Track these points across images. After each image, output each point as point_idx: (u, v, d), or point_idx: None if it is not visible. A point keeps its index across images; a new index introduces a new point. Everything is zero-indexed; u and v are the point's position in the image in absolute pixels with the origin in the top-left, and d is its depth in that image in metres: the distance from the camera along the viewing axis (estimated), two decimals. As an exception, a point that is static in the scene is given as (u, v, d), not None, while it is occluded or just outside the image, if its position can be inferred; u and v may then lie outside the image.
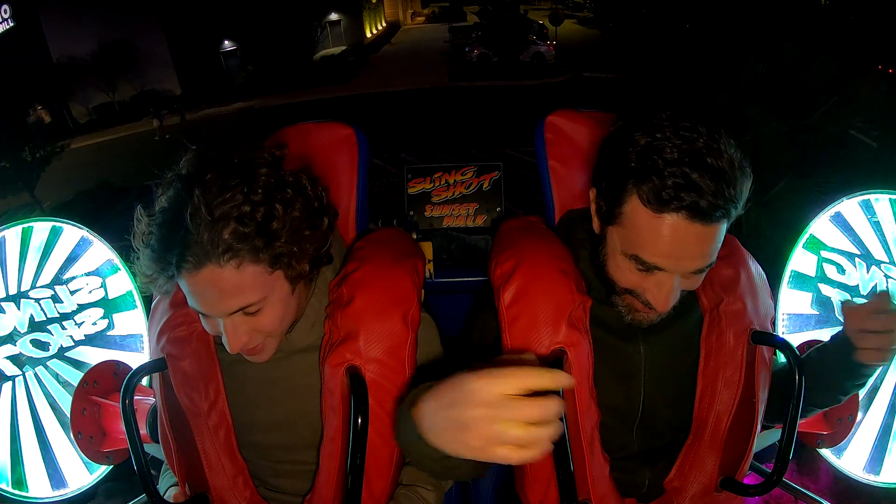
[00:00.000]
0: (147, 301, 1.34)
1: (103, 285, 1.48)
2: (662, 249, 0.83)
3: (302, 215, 0.85)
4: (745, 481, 1.01)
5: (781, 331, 1.50)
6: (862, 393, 1.40)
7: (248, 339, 0.88)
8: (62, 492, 1.44)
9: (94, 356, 1.47)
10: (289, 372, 0.99)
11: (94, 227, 1.47)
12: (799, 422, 0.94)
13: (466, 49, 23.17)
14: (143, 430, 1.17)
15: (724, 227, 0.84)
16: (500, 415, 0.62)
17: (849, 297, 0.97)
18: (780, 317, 1.50)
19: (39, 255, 1.46)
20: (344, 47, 27.97)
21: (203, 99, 20.91)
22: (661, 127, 0.81)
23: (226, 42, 23.42)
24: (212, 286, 0.80)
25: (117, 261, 1.48)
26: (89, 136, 19.04)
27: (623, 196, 0.85)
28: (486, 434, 0.63)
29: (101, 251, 1.48)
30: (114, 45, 20.54)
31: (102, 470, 1.44)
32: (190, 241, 0.77)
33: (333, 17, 28.49)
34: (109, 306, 1.49)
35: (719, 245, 0.85)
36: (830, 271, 1.49)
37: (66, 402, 1.43)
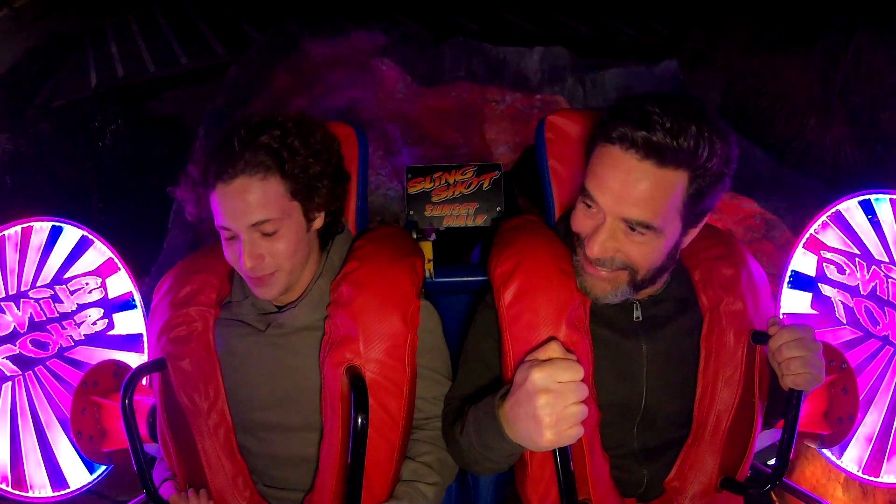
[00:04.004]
0: (147, 301, 1.34)
1: (103, 285, 1.48)
2: (603, 178, 0.85)
3: (321, 154, 0.99)
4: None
5: (781, 331, 1.49)
6: (862, 393, 1.40)
7: (261, 261, 0.94)
8: (62, 492, 1.43)
9: (94, 356, 1.47)
10: (288, 350, 1.01)
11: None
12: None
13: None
14: (143, 430, 1.17)
15: (674, 182, 0.82)
16: (564, 397, 0.76)
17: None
18: (780, 317, 1.50)
19: (39, 255, 1.46)
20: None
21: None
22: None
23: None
24: (240, 196, 0.92)
25: (117, 261, 1.48)
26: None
27: (594, 146, 0.88)
28: (554, 419, 0.75)
29: (101, 251, 1.48)
30: None
31: (102, 470, 1.44)
32: (233, 156, 0.93)
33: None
34: (109, 306, 1.49)
35: (668, 205, 0.83)
36: (830, 271, 1.49)
37: (66, 402, 1.42)
